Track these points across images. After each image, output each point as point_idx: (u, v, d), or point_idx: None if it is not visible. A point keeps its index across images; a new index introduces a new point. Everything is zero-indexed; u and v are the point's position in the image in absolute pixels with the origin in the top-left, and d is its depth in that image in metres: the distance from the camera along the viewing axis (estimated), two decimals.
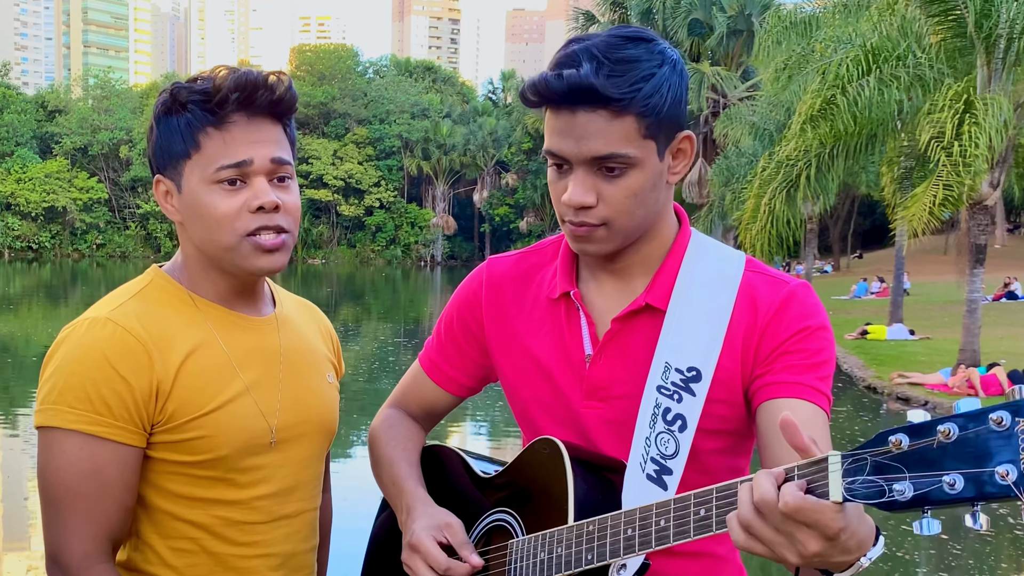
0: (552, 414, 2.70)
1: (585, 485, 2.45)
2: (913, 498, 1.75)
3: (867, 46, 25.01)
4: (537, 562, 2.46)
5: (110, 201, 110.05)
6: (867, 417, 20.60)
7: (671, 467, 2.44)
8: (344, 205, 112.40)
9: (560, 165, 2.47)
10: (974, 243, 25.25)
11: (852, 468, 1.82)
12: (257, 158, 2.57)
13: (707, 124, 67.81)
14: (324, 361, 2.98)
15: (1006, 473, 1.66)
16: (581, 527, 2.36)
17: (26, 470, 15.19)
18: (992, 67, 23.87)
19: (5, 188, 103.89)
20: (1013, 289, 47.78)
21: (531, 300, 2.78)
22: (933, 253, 69.48)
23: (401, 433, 3.01)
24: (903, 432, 1.78)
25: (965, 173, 22.38)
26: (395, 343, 34.36)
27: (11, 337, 36.22)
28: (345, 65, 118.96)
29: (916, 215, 23.15)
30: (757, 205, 29.92)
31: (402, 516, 2.77)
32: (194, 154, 2.58)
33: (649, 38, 2.44)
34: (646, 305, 2.56)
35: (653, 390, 2.49)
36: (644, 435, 2.48)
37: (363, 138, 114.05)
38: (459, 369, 2.96)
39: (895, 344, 32.91)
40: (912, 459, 1.76)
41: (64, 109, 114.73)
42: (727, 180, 52.43)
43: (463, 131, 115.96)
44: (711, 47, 72.50)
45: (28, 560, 11.00)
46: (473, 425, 19.56)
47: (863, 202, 75.94)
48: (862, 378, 25.87)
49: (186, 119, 2.58)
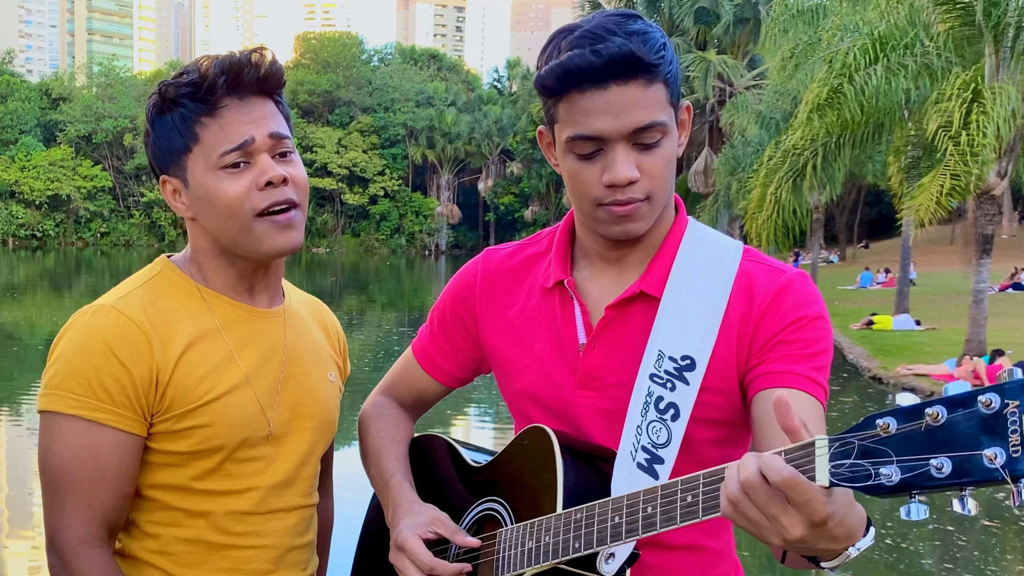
0: (544, 404, 2.71)
1: (575, 474, 2.46)
2: (900, 482, 1.74)
3: (874, 35, 25.08)
4: (525, 551, 2.46)
5: (114, 189, 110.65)
6: (873, 407, 20.59)
7: (662, 456, 2.45)
8: (348, 194, 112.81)
9: (591, 151, 2.43)
10: (981, 233, 25.31)
11: (839, 452, 1.81)
12: (257, 135, 2.59)
13: (713, 113, 67.61)
14: (327, 359, 3.00)
15: (994, 456, 1.65)
16: (569, 515, 2.37)
17: (30, 455, 15.21)
18: (1000, 56, 23.90)
19: (9, 176, 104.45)
20: (1020, 280, 47.81)
21: (526, 291, 2.79)
22: (939, 243, 69.67)
23: (390, 424, 3.03)
24: (891, 415, 1.77)
25: (972, 162, 22.45)
26: (399, 332, 34.59)
27: (16, 325, 36.51)
28: (350, 53, 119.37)
29: (923, 205, 23.22)
30: (763, 194, 29.96)
31: (388, 513, 2.80)
32: (194, 147, 2.61)
33: (641, 17, 2.44)
34: (640, 292, 2.57)
35: (646, 378, 2.50)
36: (636, 424, 2.48)
37: (367, 126, 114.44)
38: (451, 360, 2.99)
39: (901, 334, 32.99)
40: (900, 443, 1.75)
41: (68, 97, 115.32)
42: (733, 169, 52.43)
43: (468, 119, 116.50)
44: (717, 35, 72.30)
45: (31, 543, 11.13)
46: (477, 411, 19.68)
47: (869, 192, 76.04)
48: (867, 368, 25.91)
49: (180, 114, 2.61)
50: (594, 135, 2.38)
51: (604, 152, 2.41)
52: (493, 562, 2.58)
